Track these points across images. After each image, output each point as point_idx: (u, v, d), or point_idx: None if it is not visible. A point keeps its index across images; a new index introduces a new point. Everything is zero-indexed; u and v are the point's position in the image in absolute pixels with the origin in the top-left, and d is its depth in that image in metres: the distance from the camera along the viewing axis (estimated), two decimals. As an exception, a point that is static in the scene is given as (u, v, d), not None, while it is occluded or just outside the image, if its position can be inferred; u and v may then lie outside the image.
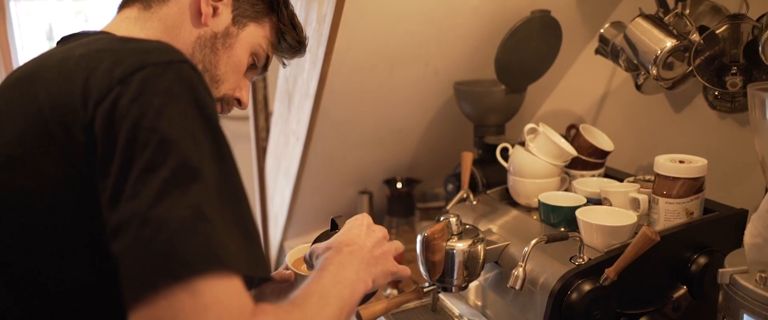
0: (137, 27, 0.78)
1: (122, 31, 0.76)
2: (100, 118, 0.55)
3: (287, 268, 0.94)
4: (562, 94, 1.76)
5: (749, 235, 0.80)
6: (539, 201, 1.19)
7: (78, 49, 0.64)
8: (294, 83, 1.69)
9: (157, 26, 0.78)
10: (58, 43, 0.76)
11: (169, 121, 0.54)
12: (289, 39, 0.90)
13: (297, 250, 0.97)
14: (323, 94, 1.50)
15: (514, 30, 1.37)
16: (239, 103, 0.89)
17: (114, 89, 0.56)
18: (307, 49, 1.37)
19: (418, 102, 1.68)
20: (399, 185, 1.87)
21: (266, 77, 2.24)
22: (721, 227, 1.09)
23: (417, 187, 1.90)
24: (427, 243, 1.03)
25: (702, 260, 1.04)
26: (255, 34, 0.86)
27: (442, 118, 1.75)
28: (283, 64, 0.98)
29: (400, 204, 1.88)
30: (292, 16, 0.91)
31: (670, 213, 1.07)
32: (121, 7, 0.82)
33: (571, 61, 1.68)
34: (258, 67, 0.90)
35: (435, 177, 1.94)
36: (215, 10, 0.81)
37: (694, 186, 1.06)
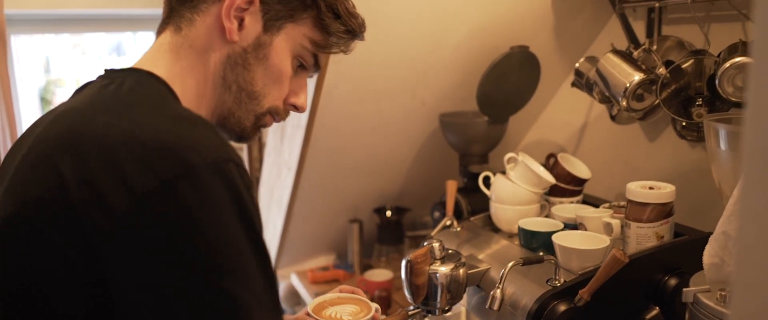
0: (172, 59, 0.74)
1: (160, 68, 0.72)
2: (136, 215, 0.54)
3: (309, 315, 0.96)
4: (544, 124, 1.83)
5: (707, 256, 0.86)
6: (519, 227, 1.24)
7: (118, 116, 0.61)
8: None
9: (190, 55, 0.74)
10: (100, 78, 0.72)
11: (215, 231, 0.55)
12: (335, 31, 0.79)
13: (319, 299, 1.00)
14: (314, 126, 1.57)
15: (495, 64, 1.45)
16: (296, 107, 0.82)
17: (157, 190, 0.55)
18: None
19: (406, 133, 1.74)
20: (388, 213, 1.93)
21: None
22: (690, 250, 1.14)
23: (406, 215, 1.96)
24: (410, 267, 1.08)
25: (673, 281, 1.10)
26: (293, 35, 0.77)
27: (430, 148, 1.82)
28: (343, 52, 0.85)
29: (389, 232, 1.93)
30: (332, 5, 0.78)
31: (642, 237, 1.13)
32: (159, 31, 0.77)
33: (552, 93, 1.75)
34: (307, 66, 0.81)
35: (424, 205, 2.00)
36: (241, 22, 0.73)
37: (663, 211, 1.12)
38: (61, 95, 4.34)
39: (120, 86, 0.67)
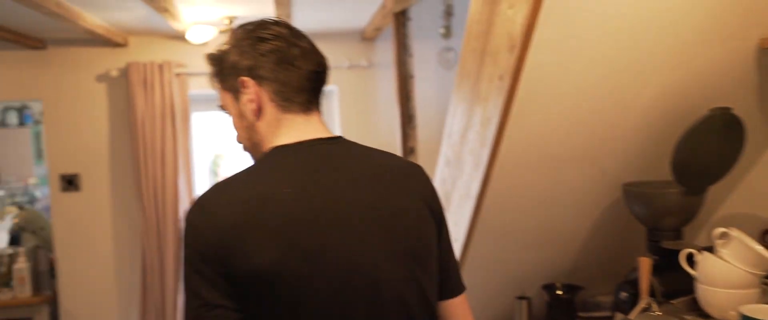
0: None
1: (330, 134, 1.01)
2: (438, 209, 1.00)
3: None
4: (743, 196, 1.61)
5: None
6: (741, 313, 1.06)
7: (389, 157, 1.01)
8: (453, 185, 1.71)
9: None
10: (326, 145, 0.97)
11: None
12: None
13: None
14: (486, 195, 1.50)
15: (693, 128, 1.31)
16: None
17: (436, 192, 1.02)
18: (469, 150, 1.46)
19: (583, 203, 1.62)
20: (559, 291, 1.78)
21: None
22: None
23: (579, 294, 1.79)
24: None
25: None
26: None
27: (609, 221, 1.67)
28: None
29: (560, 312, 1.78)
30: None
31: None
32: (310, 110, 0.99)
33: (755, 160, 1.55)
34: None
35: (598, 283, 1.82)
36: None
37: None
38: (225, 168, 4.67)
39: (357, 145, 1.01)
